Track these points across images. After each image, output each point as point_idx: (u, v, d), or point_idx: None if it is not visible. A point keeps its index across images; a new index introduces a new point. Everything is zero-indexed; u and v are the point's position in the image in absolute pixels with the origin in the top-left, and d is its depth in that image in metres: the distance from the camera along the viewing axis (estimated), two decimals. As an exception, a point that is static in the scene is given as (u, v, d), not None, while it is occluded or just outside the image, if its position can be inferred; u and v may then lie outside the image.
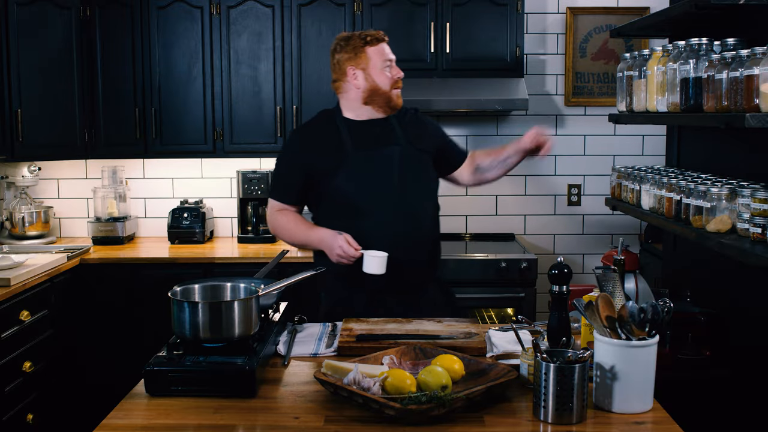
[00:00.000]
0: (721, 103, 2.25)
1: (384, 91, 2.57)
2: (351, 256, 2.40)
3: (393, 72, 2.58)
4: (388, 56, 2.57)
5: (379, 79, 2.56)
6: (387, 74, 2.57)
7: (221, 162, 4.42)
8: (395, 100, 2.59)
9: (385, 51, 2.58)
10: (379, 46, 2.57)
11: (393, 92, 2.58)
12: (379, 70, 2.56)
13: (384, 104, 2.59)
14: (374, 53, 2.56)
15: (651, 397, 1.75)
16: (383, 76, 2.56)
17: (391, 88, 2.57)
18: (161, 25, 4.08)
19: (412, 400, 1.64)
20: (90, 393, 3.86)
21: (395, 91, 2.58)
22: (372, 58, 2.56)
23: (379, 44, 2.57)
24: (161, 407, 1.79)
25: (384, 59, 2.56)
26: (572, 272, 1.95)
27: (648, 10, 4.33)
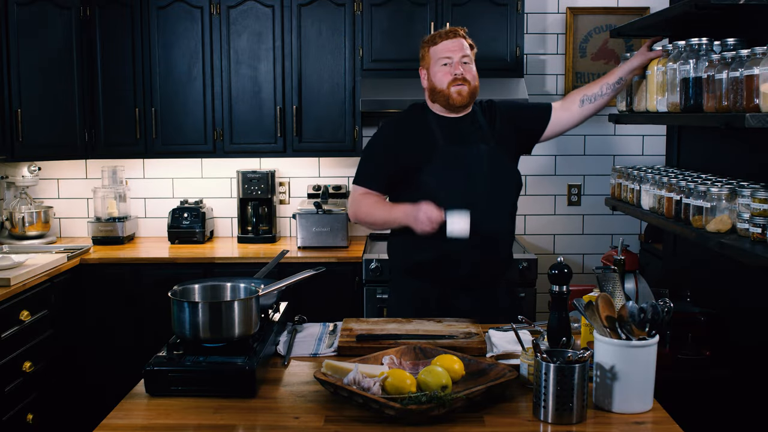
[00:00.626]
0: (721, 103, 2.25)
1: (440, 89, 2.57)
2: (435, 219, 2.37)
3: (451, 69, 2.55)
4: (445, 54, 2.56)
5: (435, 78, 2.58)
6: (443, 72, 2.56)
7: (221, 162, 4.42)
8: (454, 98, 2.55)
9: (444, 48, 2.56)
10: (440, 45, 2.57)
11: (451, 90, 2.55)
12: (437, 69, 2.57)
13: (444, 103, 2.59)
14: (434, 52, 2.58)
15: (651, 397, 1.75)
16: (439, 74, 2.57)
17: (449, 86, 2.55)
18: (161, 25, 4.08)
19: (412, 400, 1.64)
20: (90, 393, 3.87)
21: (454, 88, 2.55)
22: (432, 58, 2.59)
23: (440, 43, 2.58)
24: (161, 407, 1.79)
25: (440, 57, 2.56)
26: (572, 272, 1.95)
27: (648, 10, 4.33)
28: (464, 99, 2.57)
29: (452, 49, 2.56)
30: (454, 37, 2.58)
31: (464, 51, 2.58)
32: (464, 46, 2.59)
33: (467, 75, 2.57)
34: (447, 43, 2.57)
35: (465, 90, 2.56)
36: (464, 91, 2.56)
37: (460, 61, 2.56)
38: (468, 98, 2.58)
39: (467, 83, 2.56)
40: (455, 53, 2.56)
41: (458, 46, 2.57)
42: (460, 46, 2.58)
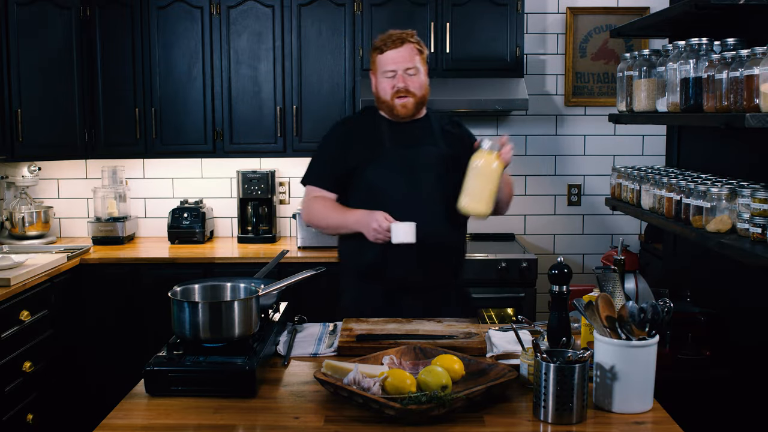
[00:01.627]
0: (721, 103, 2.25)
1: (384, 100, 2.55)
2: (386, 229, 2.38)
3: (394, 81, 2.51)
4: (390, 66, 2.51)
5: (380, 88, 2.56)
6: (387, 84, 2.53)
7: (221, 162, 4.42)
8: (398, 110, 2.53)
9: (389, 59, 2.51)
10: (386, 54, 2.52)
11: (395, 102, 2.52)
12: (381, 80, 2.55)
13: (389, 113, 2.57)
14: (380, 61, 2.54)
15: (651, 397, 1.75)
16: (384, 85, 2.54)
17: (392, 98, 2.52)
18: (161, 25, 4.08)
19: (412, 400, 1.65)
20: (90, 393, 3.87)
21: (398, 101, 2.52)
22: (378, 67, 2.55)
23: (386, 52, 2.52)
24: (161, 407, 1.79)
25: (385, 68, 2.52)
26: (572, 272, 1.95)
27: (648, 10, 4.33)
28: (409, 111, 2.54)
29: (397, 61, 2.50)
30: (401, 45, 2.51)
31: (409, 63, 2.51)
32: (410, 56, 2.52)
33: (411, 87, 2.52)
34: (392, 53, 2.51)
35: (410, 102, 2.53)
36: (409, 104, 2.53)
37: (405, 74, 2.51)
38: (413, 109, 2.55)
39: (412, 95, 2.53)
40: (399, 65, 2.50)
41: (403, 56, 2.51)
42: (405, 56, 2.51)
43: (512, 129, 4.45)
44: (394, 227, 2.37)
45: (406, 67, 2.51)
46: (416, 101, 2.54)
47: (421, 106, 2.59)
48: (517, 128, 4.45)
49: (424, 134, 2.60)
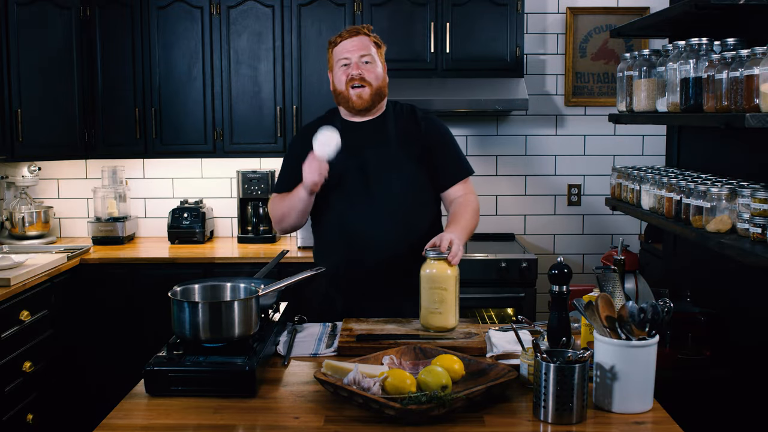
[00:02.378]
0: (721, 103, 2.25)
1: (340, 91, 2.49)
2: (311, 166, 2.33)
3: (349, 70, 2.45)
4: (344, 54, 2.46)
5: (336, 79, 2.50)
6: (342, 73, 2.47)
7: (221, 162, 4.42)
8: (354, 101, 2.47)
9: (343, 49, 2.46)
10: (340, 45, 2.48)
11: (350, 92, 2.46)
12: (336, 70, 2.49)
13: (346, 106, 2.51)
14: (335, 53, 2.50)
15: (651, 397, 1.75)
16: (338, 75, 2.49)
17: (347, 87, 2.46)
18: (161, 25, 4.08)
19: (412, 400, 1.64)
20: (90, 393, 3.87)
21: (353, 91, 2.45)
22: (334, 59, 2.51)
23: (340, 43, 2.48)
24: (161, 407, 1.79)
25: (339, 58, 2.47)
26: (572, 272, 1.95)
27: (648, 10, 4.33)
28: (365, 102, 2.47)
29: (351, 49, 2.45)
30: (355, 35, 2.47)
31: (364, 50, 2.46)
32: (365, 45, 2.47)
33: (367, 75, 2.45)
34: (346, 43, 2.46)
35: (366, 93, 2.46)
36: (365, 94, 2.46)
37: (359, 61, 2.45)
38: (369, 101, 2.48)
39: (368, 84, 2.45)
40: (353, 53, 2.45)
41: (358, 45, 2.46)
42: (359, 45, 2.46)
43: (512, 129, 4.45)
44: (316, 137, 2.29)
45: (361, 54, 2.45)
46: (372, 92, 2.47)
47: (379, 99, 2.51)
48: (517, 128, 4.45)
49: (376, 135, 2.52)
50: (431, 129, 2.57)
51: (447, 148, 2.59)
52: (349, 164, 2.47)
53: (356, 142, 2.50)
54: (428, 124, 2.57)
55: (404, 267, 2.40)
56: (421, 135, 2.54)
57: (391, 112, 2.58)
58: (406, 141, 2.52)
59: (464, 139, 4.44)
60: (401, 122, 2.56)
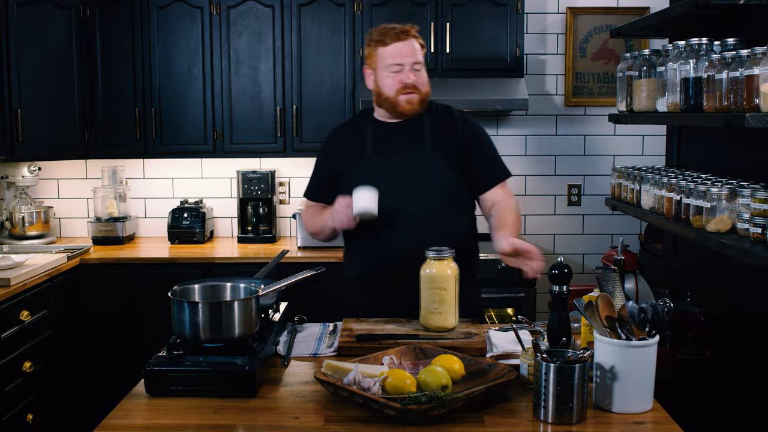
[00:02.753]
0: (721, 103, 2.25)
1: (388, 97, 2.41)
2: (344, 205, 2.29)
3: (402, 76, 2.37)
4: (396, 59, 2.37)
5: (384, 84, 2.41)
6: (392, 79, 2.38)
7: (221, 162, 4.42)
8: (403, 107, 2.40)
9: (394, 52, 2.37)
10: (390, 47, 2.37)
11: (400, 98, 2.39)
12: (385, 74, 2.40)
13: (391, 110, 2.44)
14: (383, 55, 2.39)
15: (651, 397, 1.75)
16: (388, 81, 2.39)
17: (398, 94, 2.39)
18: (161, 25, 4.08)
19: (412, 400, 1.64)
20: (90, 393, 3.86)
21: (403, 97, 2.38)
22: (380, 60, 2.40)
23: (390, 45, 2.37)
24: (161, 407, 1.79)
25: (390, 62, 2.38)
26: (572, 272, 1.95)
27: (648, 10, 4.33)
28: (414, 107, 2.41)
29: (404, 54, 2.36)
30: (405, 39, 2.38)
31: (416, 56, 2.39)
32: (416, 49, 2.40)
33: (418, 83, 2.40)
34: (398, 45, 2.37)
35: (415, 98, 2.40)
36: (414, 100, 2.40)
37: (412, 68, 2.38)
38: (418, 106, 2.42)
39: (418, 91, 2.40)
40: (407, 59, 2.37)
41: (410, 50, 2.37)
42: (411, 50, 2.38)
43: (512, 129, 4.45)
44: (355, 196, 2.26)
45: (414, 62, 2.38)
46: (421, 98, 2.42)
47: (425, 104, 2.46)
48: (517, 128, 4.45)
49: (411, 136, 2.45)
50: (468, 129, 2.50)
51: (484, 149, 2.51)
52: (383, 166, 2.43)
53: (390, 144, 2.45)
54: (465, 125, 2.50)
55: None
56: (458, 136, 2.47)
57: (426, 112, 2.50)
58: (441, 142, 2.45)
59: (464, 139, 4.43)
60: (437, 123, 2.49)
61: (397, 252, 2.38)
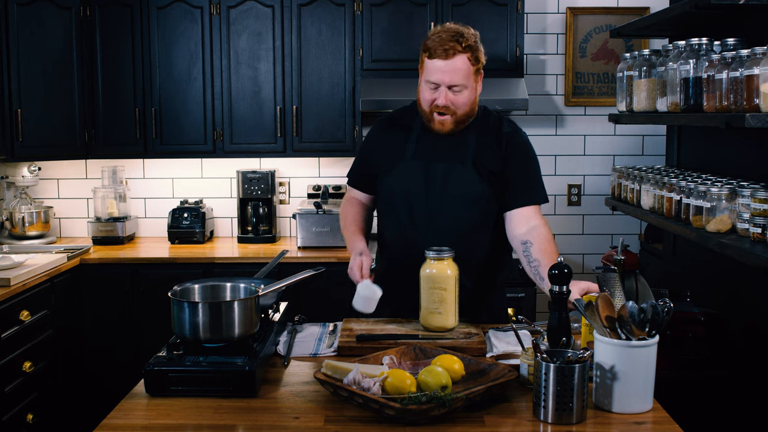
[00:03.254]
0: (721, 103, 2.25)
1: (423, 110, 2.36)
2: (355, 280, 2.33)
3: (435, 96, 2.29)
4: (434, 77, 2.27)
5: (422, 95, 2.35)
6: (429, 94, 2.31)
7: (221, 162, 4.42)
8: (435, 126, 2.34)
9: (435, 69, 2.26)
10: (434, 62, 2.26)
11: (434, 116, 2.32)
12: (424, 87, 2.33)
13: (426, 122, 2.38)
14: (427, 67, 2.30)
15: (651, 397, 1.75)
16: (425, 94, 2.33)
17: (431, 111, 2.32)
18: (161, 25, 4.08)
19: (412, 400, 1.64)
20: (90, 393, 3.87)
21: (437, 117, 2.32)
22: (424, 71, 2.32)
23: (434, 59, 2.26)
24: (161, 407, 1.79)
25: (429, 78, 2.29)
26: (572, 272, 1.95)
27: (648, 10, 4.33)
28: (446, 128, 2.34)
29: (443, 73, 2.26)
30: (451, 57, 2.24)
31: (456, 79, 2.26)
32: (459, 70, 2.26)
33: (453, 105, 2.30)
34: (440, 63, 2.25)
35: (448, 120, 2.32)
36: (447, 121, 2.32)
37: (449, 91, 2.28)
38: (451, 127, 2.34)
39: (452, 113, 2.31)
40: (444, 79, 2.26)
41: (451, 70, 2.25)
42: (453, 70, 2.25)
43: (512, 129, 4.45)
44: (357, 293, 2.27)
45: (452, 84, 2.27)
46: (457, 119, 2.33)
47: (463, 124, 2.36)
48: (517, 128, 4.45)
49: (453, 149, 2.38)
50: (512, 146, 2.40)
51: (524, 167, 2.41)
52: (419, 174, 2.39)
53: (430, 153, 2.40)
54: (510, 141, 2.40)
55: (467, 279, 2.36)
56: (501, 150, 2.39)
57: (476, 122, 2.41)
58: (482, 158, 2.38)
59: (464, 139, 4.44)
60: (484, 136, 2.41)
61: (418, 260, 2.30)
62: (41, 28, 3.93)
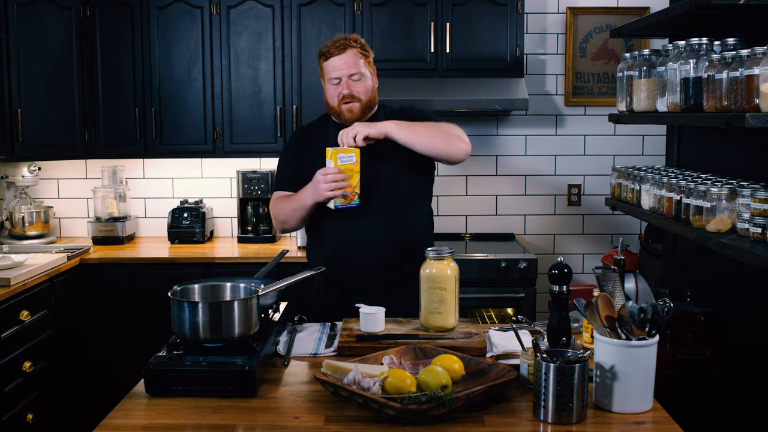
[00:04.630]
0: (721, 103, 2.25)
1: (332, 107, 2.58)
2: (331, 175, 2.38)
3: (339, 89, 2.54)
4: (334, 73, 2.52)
5: (327, 95, 2.59)
6: (333, 91, 2.55)
7: (221, 162, 4.42)
8: (345, 115, 2.56)
9: (332, 66, 2.53)
10: (330, 61, 2.53)
11: (342, 107, 2.55)
12: (328, 86, 2.57)
13: (337, 118, 2.61)
14: (326, 68, 2.56)
15: (651, 397, 1.75)
16: (330, 92, 2.57)
17: (339, 104, 2.55)
18: (161, 25, 4.08)
19: (412, 400, 1.65)
20: (90, 393, 3.87)
21: (344, 106, 2.54)
22: (325, 73, 2.57)
23: (330, 58, 2.53)
24: (161, 407, 1.79)
25: (330, 76, 2.54)
26: (572, 272, 1.95)
27: (648, 10, 4.33)
28: (355, 115, 2.56)
29: (340, 68, 2.52)
30: (343, 51, 2.53)
31: (352, 69, 2.53)
32: (353, 61, 2.53)
33: (356, 92, 2.54)
34: (335, 60, 2.53)
35: (356, 107, 2.55)
36: (355, 108, 2.55)
37: (349, 80, 2.53)
38: (360, 113, 2.56)
39: (357, 100, 2.55)
40: (343, 72, 2.52)
41: (346, 62, 2.52)
42: (348, 62, 2.52)
43: (512, 129, 4.45)
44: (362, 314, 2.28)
45: (350, 74, 2.53)
46: (362, 105, 2.56)
47: (369, 109, 2.61)
48: (517, 128, 4.45)
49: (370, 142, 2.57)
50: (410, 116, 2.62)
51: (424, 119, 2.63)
52: None
53: None
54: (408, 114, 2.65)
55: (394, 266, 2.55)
56: None
57: (381, 113, 2.66)
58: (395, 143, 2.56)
59: (464, 139, 4.44)
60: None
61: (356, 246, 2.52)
62: (41, 28, 3.93)
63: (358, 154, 2.38)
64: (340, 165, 2.38)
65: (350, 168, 2.39)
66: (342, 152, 2.38)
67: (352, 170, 2.39)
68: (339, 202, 2.43)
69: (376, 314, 2.26)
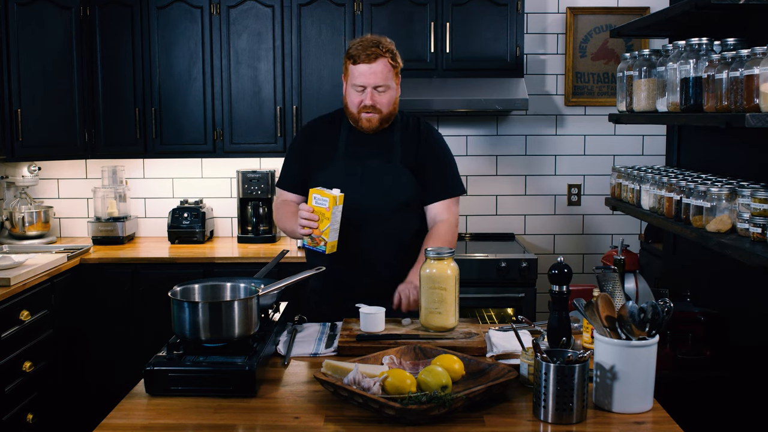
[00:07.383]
0: (721, 103, 2.25)
1: (351, 112, 2.56)
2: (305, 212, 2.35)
3: (362, 97, 2.50)
4: (360, 81, 2.48)
5: (349, 99, 2.55)
6: (356, 97, 2.52)
7: (221, 162, 4.42)
8: (363, 124, 2.54)
9: (359, 74, 2.47)
10: (358, 67, 2.48)
11: (362, 116, 2.52)
12: (350, 91, 2.53)
13: (354, 123, 2.59)
14: (352, 72, 2.51)
15: (651, 397, 1.75)
16: (352, 98, 2.53)
17: (359, 112, 2.52)
18: (161, 25, 4.08)
19: (412, 400, 1.65)
20: (90, 393, 3.87)
21: (364, 115, 2.52)
22: (350, 76, 2.52)
23: (359, 64, 2.47)
24: (161, 407, 1.79)
25: (355, 82, 2.49)
26: (572, 272, 1.95)
27: (648, 10, 4.33)
28: (373, 125, 2.54)
29: (367, 76, 2.46)
30: (374, 60, 2.46)
31: (379, 80, 2.47)
32: (382, 73, 2.47)
33: (379, 104, 2.51)
34: (363, 67, 2.46)
35: (375, 118, 2.53)
36: (374, 119, 2.53)
37: (374, 91, 2.49)
38: (378, 124, 2.54)
39: (378, 111, 2.52)
40: (369, 81, 2.47)
41: (374, 73, 2.46)
42: (376, 73, 2.46)
43: (512, 129, 4.45)
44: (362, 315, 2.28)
45: (377, 85, 2.48)
46: (382, 117, 2.54)
47: (388, 120, 2.58)
48: (517, 128, 4.45)
49: (381, 146, 2.59)
50: (428, 143, 2.64)
51: (438, 164, 2.64)
52: (351, 171, 2.57)
53: (359, 151, 2.60)
54: (426, 138, 2.64)
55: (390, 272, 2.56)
56: (420, 146, 2.62)
57: (398, 122, 2.64)
58: (406, 153, 2.60)
59: (464, 139, 4.44)
60: (406, 134, 2.63)
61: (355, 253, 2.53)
62: (41, 28, 3.93)
63: (332, 201, 2.31)
64: (314, 205, 2.34)
65: (321, 212, 2.33)
66: (318, 193, 2.33)
67: (323, 215, 2.32)
68: (306, 241, 2.40)
69: (376, 314, 2.26)
